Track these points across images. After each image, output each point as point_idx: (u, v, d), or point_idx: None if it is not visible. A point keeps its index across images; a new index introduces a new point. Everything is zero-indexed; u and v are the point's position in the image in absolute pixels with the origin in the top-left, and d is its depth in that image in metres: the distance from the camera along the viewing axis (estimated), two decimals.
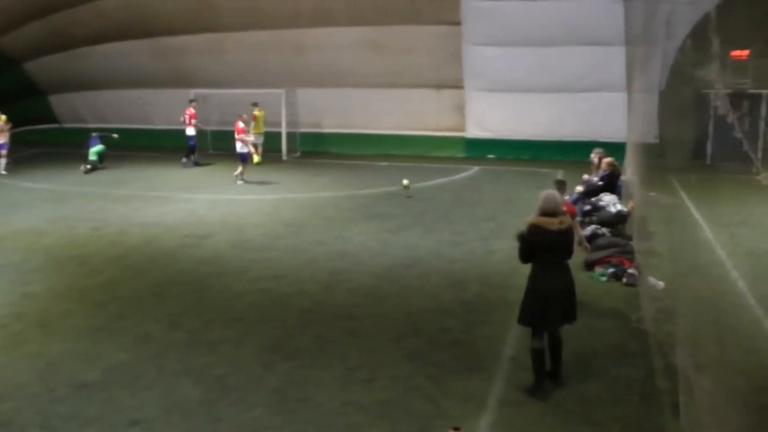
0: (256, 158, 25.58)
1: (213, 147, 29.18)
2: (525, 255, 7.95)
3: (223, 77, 29.33)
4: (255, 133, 25.31)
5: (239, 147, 22.39)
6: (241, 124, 22.79)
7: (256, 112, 26.66)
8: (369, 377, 8.24)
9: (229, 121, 24.77)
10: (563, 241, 7.88)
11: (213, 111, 29.11)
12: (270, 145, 27.52)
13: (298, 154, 28.99)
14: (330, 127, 29.98)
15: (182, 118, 26.24)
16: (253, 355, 8.87)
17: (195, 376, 8.22)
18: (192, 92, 28.36)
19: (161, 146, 30.34)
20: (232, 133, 22.89)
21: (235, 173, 22.34)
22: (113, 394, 7.81)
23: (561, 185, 12.37)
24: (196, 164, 26.18)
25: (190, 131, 26.13)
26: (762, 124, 25.09)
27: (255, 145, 25.56)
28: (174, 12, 28.85)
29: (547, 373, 7.99)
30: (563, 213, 8.10)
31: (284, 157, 28.05)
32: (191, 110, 26.36)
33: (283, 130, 28.14)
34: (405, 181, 19.58)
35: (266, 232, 15.39)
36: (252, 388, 7.91)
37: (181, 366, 8.53)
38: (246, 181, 21.93)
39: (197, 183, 22.37)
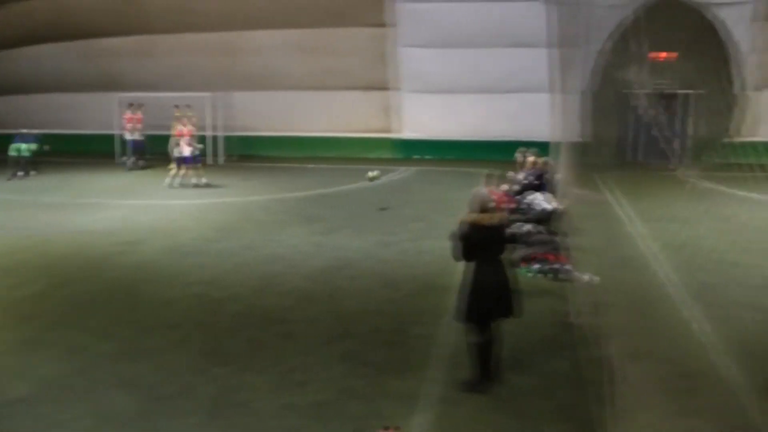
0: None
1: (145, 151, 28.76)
2: (465, 252, 7.98)
3: (153, 80, 28.93)
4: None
5: (184, 151, 22.06)
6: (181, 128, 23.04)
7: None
8: (303, 380, 8.26)
9: (164, 125, 24.54)
10: (498, 237, 8.04)
11: (144, 115, 28.71)
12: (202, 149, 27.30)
13: (229, 157, 28.78)
14: (260, 130, 29.85)
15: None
16: (187, 362, 8.78)
17: (128, 387, 8.08)
18: (121, 97, 27.93)
19: (90, 152, 29.77)
20: (164, 137, 22.62)
21: (173, 175, 22.06)
22: (44, 410, 7.60)
23: (491, 179, 13.11)
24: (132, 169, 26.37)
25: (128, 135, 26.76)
26: (680, 123, 25.90)
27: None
28: (102, 13, 28.42)
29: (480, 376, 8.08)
30: (493, 209, 8.30)
31: (216, 161, 27.82)
32: (129, 114, 26.79)
33: (210, 133, 27.90)
34: (371, 173, 18.34)
35: (198, 237, 15.27)
36: (187, 396, 7.84)
37: (113, 377, 8.36)
38: (181, 185, 21.81)
39: (127, 189, 22.03)
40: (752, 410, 6.61)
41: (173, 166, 22.23)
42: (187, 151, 21.99)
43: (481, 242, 7.88)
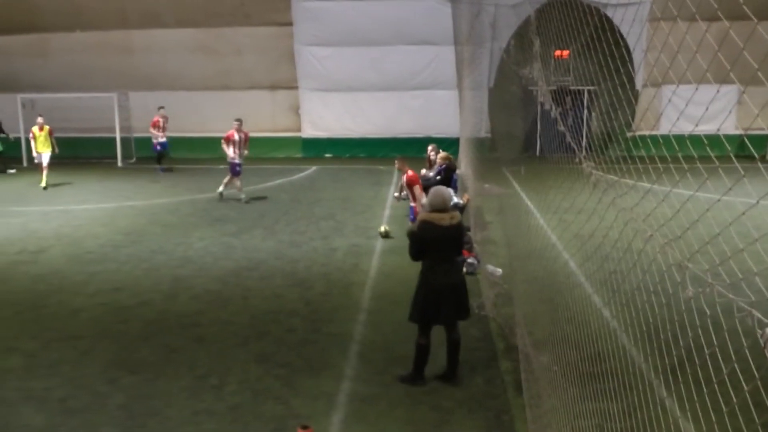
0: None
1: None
2: (417, 251, 7.87)
3: (48, 81, 28.16)
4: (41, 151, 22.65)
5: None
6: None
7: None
8: (218, 383, 8.16)
9: (65, 127, 23.84)
10: (453, 237, 7.88)
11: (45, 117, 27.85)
12: (104, 152, 26.65)
13: (133, 160, 28.20)
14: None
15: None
16: (96, 373, 8.54)
17: (35, 402, 7.78)
18: (22, 97, 26.94)
19: None
20: (66, 140, 21.94)
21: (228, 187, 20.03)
22: None
23: (402, 161, 13.97)
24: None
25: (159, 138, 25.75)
26: (585, 118, 26.68)
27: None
28: None
29: (441, 375, 8.14)
30: (452, 209, 8.16)
31: (119, 164, 27.22)
32: (157, 117, 25.63)
33: (117, 135, 27.28)
34: (382, 228, 15.59)
35: (104, 243, 14.89)
36: (97, 408, 7.62)
37: (19, 393, 8.03)
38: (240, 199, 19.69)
39: (27, 194, 21.26)
40: (659, 390, 6.86)
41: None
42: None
43: (434, 241, 7.74)
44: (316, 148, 29.11)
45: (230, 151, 19.35)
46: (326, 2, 27.21)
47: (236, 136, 19.41)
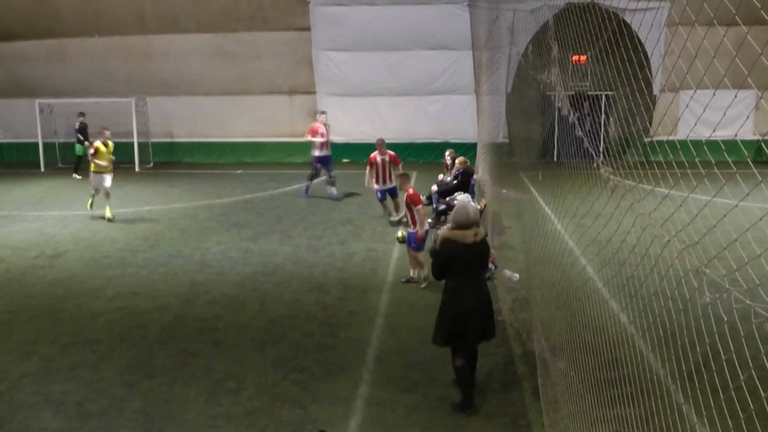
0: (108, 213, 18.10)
1: (62, 160, 28.14)
2: (440, 271, 7.56)
3: (67, 86, 28.35)
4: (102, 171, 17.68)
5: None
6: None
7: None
8: (236, 388, 8.19)
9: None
10: (479, 253, 7.57)
11: (59, 122, 28.07)
12: (121, 156, 26.83)
13: (150, 164, 28.34)
14: (181, 136, 29.53)
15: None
16: (113, 377, 8.59)
17: (54, 406, 7.84)
18: (40, 103, 27.19)
19: (3, 161, 28.93)
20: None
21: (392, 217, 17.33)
22: None
23: (404, 178, 12.94)
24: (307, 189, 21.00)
25: (317, 151, 20.27)
26: (603, 123, 26.59)
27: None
28: (11, 15, 27.61)
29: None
30: (476, 224, 7.71)
31: (137, 169, 27.36)
32: (317, 124, 20.40)
33: (135, 140, 27.42)
34: (400, 233, 15.14)
35: (122, 248, 14.96)
36: (115, 412, 7.66)
37: (37, 397, 8.09)
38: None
39: (45, 199, 21.40)
40: (675, 395, 6.83)
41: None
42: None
43: (458, 259, 7.40)
44: (334, 153, 29.13)
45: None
46: (344, 7, 27.25)
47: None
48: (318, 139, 19.82)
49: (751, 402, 3.42)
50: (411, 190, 12.27)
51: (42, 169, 27.42)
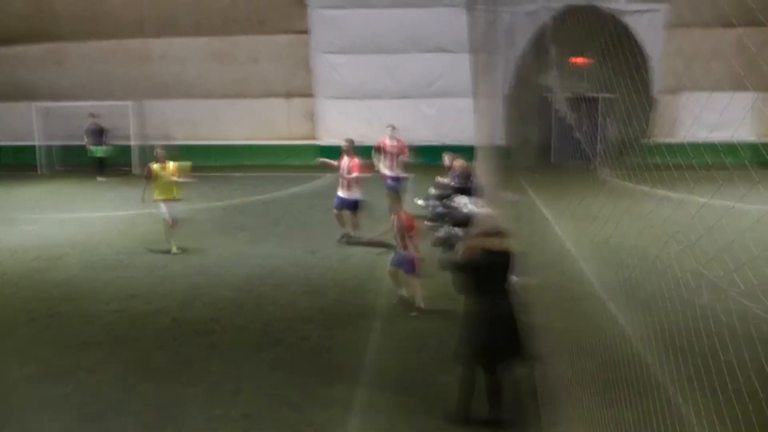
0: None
1: (59, 163, 28.05)
2: (468, 283, 7.06)
3: (65, 89, 28.23)
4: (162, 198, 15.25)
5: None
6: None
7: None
8: (233, 390, 8.17)
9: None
10: (508, 262, 7.12)
11: (58, 125, 27.98)
12: (120, 160, 26.75)
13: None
14: (179, 139, 29.40)
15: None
16: (111, 379, 8.57)
17: (52, 410, 7.82)
18: (37, 106, 27.16)
19: (1, 164, 28.89)
20: (80, 148, 21.94)
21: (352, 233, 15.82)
22: None
23: (396, 202, 11.39)
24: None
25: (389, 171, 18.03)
26: (600, 125, 26.59)
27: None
28: (10, 18, 27.59)
29: (487, 421, 7.18)
30: (503, 232, 7.30)
31: (134, 171, 27.31)
32: (386, 140, 18.31)
33: (132, 143, 27.37)
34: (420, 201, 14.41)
35: (120, 250, 14.94)
36: (113, 415, 7.65)
37: (35, 400, 8.08)
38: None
39: (42, 202, 21.36)
40: (675, 397, 6.82)
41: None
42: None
43: (489, 269, 6.98)
44: (332, 156, 29.08)
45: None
46: (342, 10, 27.27)
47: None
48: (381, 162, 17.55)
49: (750, 403, 3.42)
50: (404, 215, 10.97)
51: (39, 172, 27.36)
